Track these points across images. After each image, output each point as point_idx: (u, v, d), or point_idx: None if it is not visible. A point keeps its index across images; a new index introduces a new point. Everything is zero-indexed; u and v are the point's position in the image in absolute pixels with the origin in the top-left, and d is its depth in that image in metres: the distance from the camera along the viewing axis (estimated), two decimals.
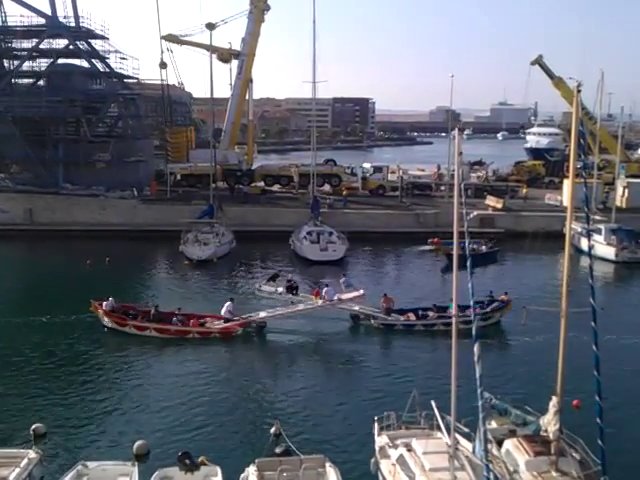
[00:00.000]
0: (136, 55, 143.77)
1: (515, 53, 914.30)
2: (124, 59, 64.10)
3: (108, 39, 63.00)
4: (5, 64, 61.11)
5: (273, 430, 20.46)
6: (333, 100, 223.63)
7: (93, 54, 62.03)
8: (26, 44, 60.45)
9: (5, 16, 60.11)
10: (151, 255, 48.90)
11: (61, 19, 60.34)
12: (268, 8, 69.17)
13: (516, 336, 30.39)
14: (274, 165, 74.51)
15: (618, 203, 56.16)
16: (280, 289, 33.71)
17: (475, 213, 49.58)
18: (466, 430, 17.27)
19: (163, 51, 71.08)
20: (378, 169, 66.54)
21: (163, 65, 71.72)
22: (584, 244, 26.24)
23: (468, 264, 14.86)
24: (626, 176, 63.53)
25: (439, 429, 17.41)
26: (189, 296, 37.07)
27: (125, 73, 64.73)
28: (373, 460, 17.65)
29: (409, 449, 16.66)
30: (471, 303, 15.49)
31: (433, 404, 17.62)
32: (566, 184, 52.69)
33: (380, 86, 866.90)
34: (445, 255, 43.10)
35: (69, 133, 61.83)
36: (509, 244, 48.61)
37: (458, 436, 16.66)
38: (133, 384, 24.96)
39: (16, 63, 61.02)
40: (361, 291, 32.42)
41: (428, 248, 47.43)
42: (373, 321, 31.90)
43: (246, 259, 46.70)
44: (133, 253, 48.17)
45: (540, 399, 17.90)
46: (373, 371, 26.57)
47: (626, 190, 59.23)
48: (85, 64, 62.25)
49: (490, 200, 58.60)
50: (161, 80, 72.51)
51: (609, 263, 46.00)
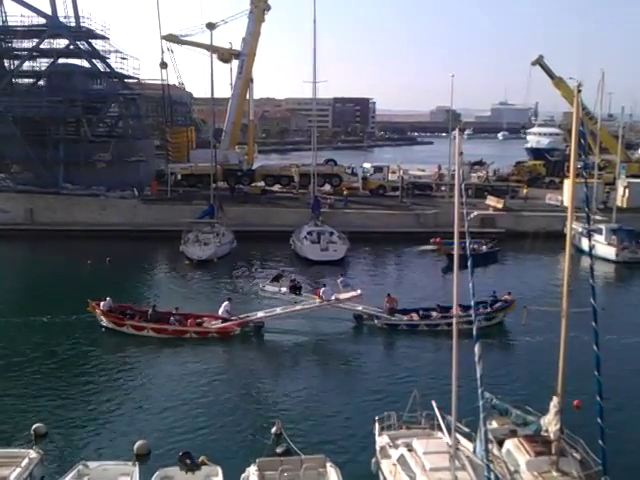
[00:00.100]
0: (136, 55, 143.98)
1: (515, 53, 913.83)
2: (124, 59, 64.15)
3: (108, 39, 63.10)
4: (5, 64, 61.05)
5: (274, 430, 20.47)
6: (333, 100, 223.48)
7: (93, 54, 61.99)
8: (26, 44, 60.47)
9: (5, 16, 60.07)
10: (151, 255, 48.90)
11: (61, 19, 60.31)
12: (268, 8, 69.22)
13: (517, 336, 30.44)
14: (275, 165, 74.50)
15: (619, 203, 56.18)
16: (284, 289, 33.71)
17: (475, 213, 49.20)
18: (467, 430, 17.28)
19: (163, 51, 71.40)
20: (378, 169, 66.53)
21: (163, 65, 71.88)
22: (585, 244, 26.30)
23: (469, 264, 14.86)
24: (627, 176, 63.55)
25: (440, 429, 17.41)
26: (189, 296, 37.08)
27: (125, 73, 64.68)
28: (374, 460, 17.67)
29: (410, 449, 16.66)
30: (472, 303, 15.49)
31: (434, 404, 17.64)
32: (567, 184, 52.66)
33: (380, 86, 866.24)
34: (445, 255, 43.11)
35: (69, 133, 61.80)
36: (510, 244, 48.58)
37: (459, 436, 16.67)
38: (133, 384, 24.98)
39: (16, 63, 61.02)
40: (358, 291, 32.40)
41: (430, 248, 47.46)
42: (376, 321, 31.85)
43: (246, 259, 46.71)
44: (133, 253, 48.17)
45: (541, 399, 17.88)
46: (375, 371, 26.52)
47: (627, 190, 59.18)
48: (85, 64, 62.17)
49: (491, 200, 58.59)
50: (161, 80, 72.74)
51: (610, 263, 45.96)
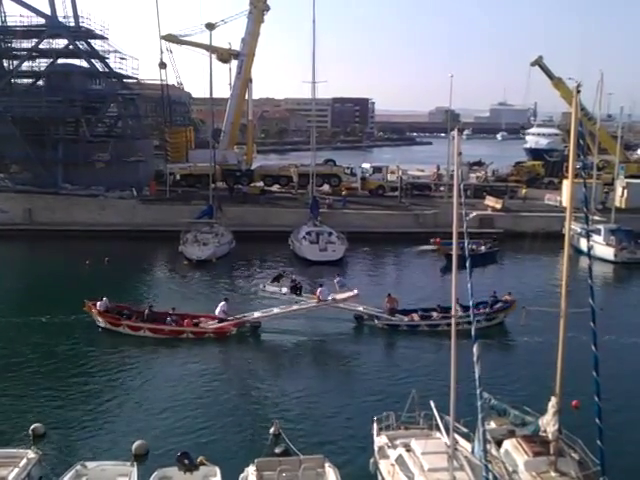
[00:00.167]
0: (136, 55, 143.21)
1: (515, 53, 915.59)
2: (124, 59, 64.18)
3: (108, 39, 63.15)
4: (5, 64, 61.02)
5: (272, 430, 20.46)
6: (333, 100, 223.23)
7: (93, 54, 61.99)
8: (26, 44, 60.44)
9: (5, 16, 60.12)
10: (150, 255, 48.86)
11: (61, 19, 60.32)
12: (268, 8, 69.25)
13: (516, 336, 30.48)
14: (273, 165, 74.50)
15: (617, 203, 56.15)
16: (284, 289, 33.68)
17: (474, 213, 49.69)
18: (465, 430, 17.30)
19: (163, 51, 71.48)
20: (377, 169, 66.52)
21: (163, 65, 71.93)
22: (583, 244, 26.28)
23: (467, 264, 14.86)
24: (625, 176, 63.52)
25: (438, 429, 17.41)
26: (188, 296, 37.08)
27: (124, 73, 64.68)
28: (372, 460, 17.66)
29: (408, 449, 16.66)
30: (470, 303, 15.50)
31: (432, 404, 17.63)
32: (565, 184, 52.69)
33: (380, 86, 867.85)
34: (444, 255, 43.08)
35: (68, 133, 61.78)
36: (508, 244, 48.61)
37: (457, 436, 16.67)
38: (131, 384, 24.96)
39: (16, 63, 61.04)
40: (355, 291, 32.38)
41: (430, 248, 47.38)
42: (377, 321, 31.81)
43: (245, 259, 46.68)
44: (132, 253, 48.15)
45: (539, 399, 17.88)
46: (374, 371, 26.49)
47: (625, 190, 59.24)
48: (85, 64, 62.21)
49: (489, 200, 58.63)
50: (160, 80, 72.78)
51: (608, 263, 46.00)
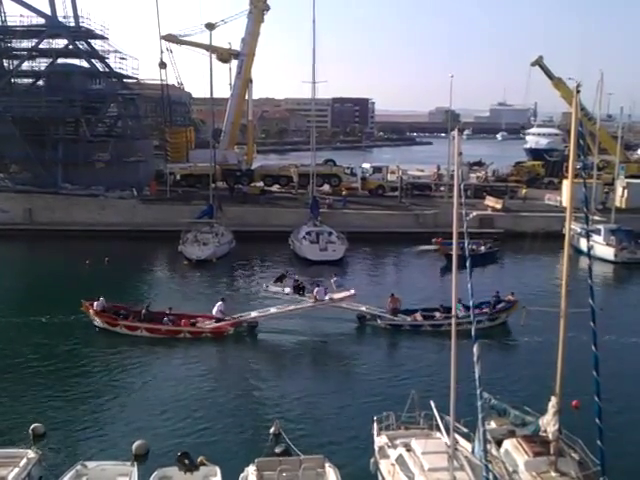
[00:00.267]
0: (136, 55, 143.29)
1: (515, 53, 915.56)
2: (123, 59, 64.13)
3: (108, 39, 63.10)
4: (5, 64, 60.97)
5: (273, 430, 20.45)
6: (332, 100, 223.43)
7: (92, 54, 61.97)
8: (26, 44, 60.41)
9: (5, 16, 60.09)
10: (150, 255, 48.87)
11: (61, 19, 60.28)
12: (268, 8, 69.29)
13: (516, 336, 30.49)
14: (273, 165, 74.54)
15: (617, 203, 56.17)
16: (287, 289, 33.63)
17: (474, 213, 49.64)
18: (465, 430, 17.29)
19: (163, 51, 71.58)
20: (377, 169, 66.54)
21: (163, 65, 71.99)
22: (583, 244, 26.25)
23: (468, 264, 14.86)
24: (625, 176, 63.54)
25: (438, 429, 17.41)
26: (188, 296, 37.09)
27: (125, 73, 64.64)
28: (372, 460, 17.65)
29: (408, 449, 16.65)
30: (470, 303, 15.49)
31: (432, 404, 17.63)
32: (565, 184, 52.68)
33: (380, 86, 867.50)
34: (444, 255, 43.06)
35: (68, 133, 61.72)
36: (508, 244, 48.62)
37: (457, 436, 16.65)
38: (131, 384, 24.95)
39: (15, 63, 60.99)
40: (352, 291, 32.37)
41: (432, 248, 47.26)
42: (380, 321, 31.77)
43: (245, 259, 46.68)
44: (132, 253, 48.15)
45: (539, 399, 17.87)
46: (375, 371, 26.44)
47: (625, 190, 59.27)
48: (84, 64, 62.20)
49: (489, 200, 58.63)
50: (161, 80, 72.84)
51: (608, 263, 46.00)
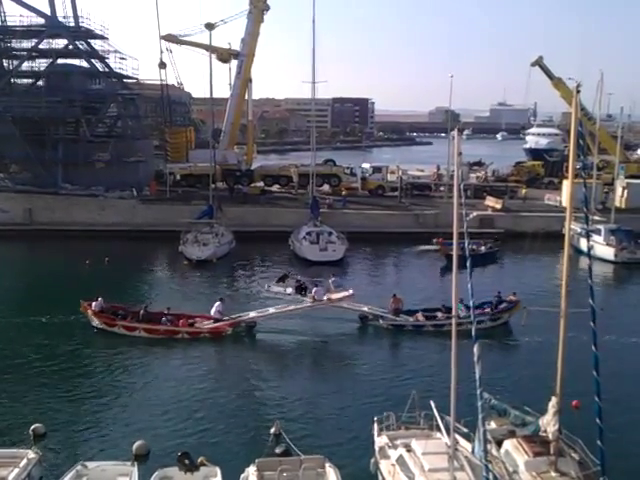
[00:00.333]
0: (135, 55, 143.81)
1: (515, 53, 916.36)
2: (123, 59, 64.09)
3: (107, 39, 63.05)
4: (4, 64, 60.96)
5: (273, 430, 20.45)
6: (332, 100, 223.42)
7: (92, 54, 61.95)
8: (25, 44, 60.38)
9: (5, 16, 60.04)
10: (150, 255, 48.86)
11: (60, 19, 60.25)
12: (268, 8, 69.21)
13: (516, 336, 30.51)
14: (273, 165, 74.50)
15: (617, 203, 56.16)
16: (289, 289, 33.60)
17: (474, 214, 49.65)
18: (465, 430, 17.30)
19: (162, 51, 71.52)
20: (377, 169, 66.51)
21: (162, 65, 71.96)
22: (583, 244, 26.25)
23: (468, 264, 14.85)
24: (625, 176, 63.56)
25: (438, 429, 17.41)
26: (188, 296, 37.08)
27: (124, 73, 64.61)
28: (373, 460, 17.67)
29: (408, 449, 16.67)
30: (470, 303, 15.50)
31: (432, 404, 17.63)
32: (565, 184, 52.69)
33: (380, 86, 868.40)
34: (444, 256, 43.06)
35: (68, 133, 61.70)
36: (509, 244, 48.61)
37: (457, 436, 16.65)
38: (131, 384, 24.94)
39: (15, 63, 60.98)
40: (350, 291, 32.37)
41: (433, 248, 47.18)
42: (382, 322, 31.76)
43: (245, 259, 46.67)
44: (132, 253, 48.13)
45: (539, 399, 17.87)
46: (376, 372, 26.42)
47: (625, 190, 59.24)
48: (84, 64, 62.20)
49: (489, 200, 58.62)
50: (160, 80, 72.82)
51: (608, 263, 46.00)
